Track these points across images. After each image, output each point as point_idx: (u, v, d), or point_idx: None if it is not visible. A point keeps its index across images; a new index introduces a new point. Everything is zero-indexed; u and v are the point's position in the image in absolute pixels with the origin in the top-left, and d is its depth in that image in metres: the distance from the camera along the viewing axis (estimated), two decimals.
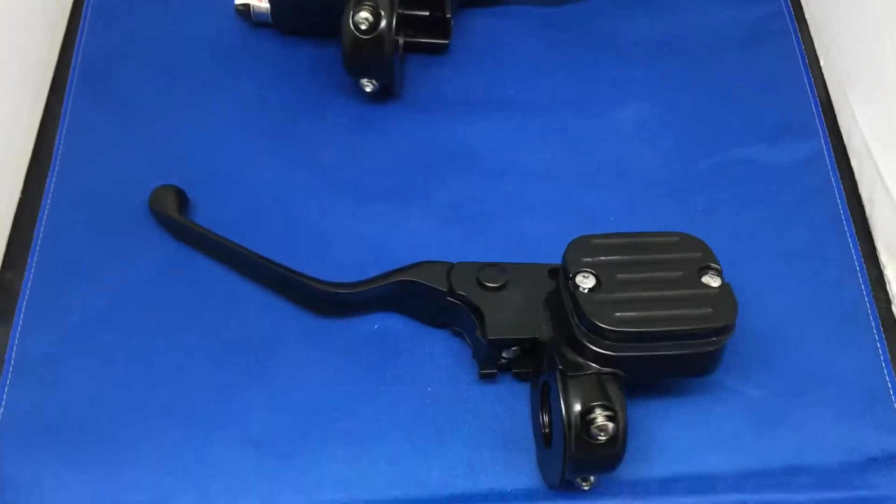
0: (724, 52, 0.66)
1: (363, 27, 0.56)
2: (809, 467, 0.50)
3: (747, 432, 0.50)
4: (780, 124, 0.63)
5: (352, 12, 0.56)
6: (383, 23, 0.56)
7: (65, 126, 0.61)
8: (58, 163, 0.59)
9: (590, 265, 0.47)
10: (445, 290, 0.51)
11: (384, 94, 0.62)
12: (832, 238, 0.58)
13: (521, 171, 0.60)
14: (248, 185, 0.59)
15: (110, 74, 0.63)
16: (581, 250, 0.47)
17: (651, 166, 0.61)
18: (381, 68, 0.59)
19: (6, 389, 0.50)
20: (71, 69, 0.63)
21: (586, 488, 0.47)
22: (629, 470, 0.48)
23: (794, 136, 0.62)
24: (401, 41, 0.63)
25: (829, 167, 0.61)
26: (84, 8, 0.66)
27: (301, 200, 0.58)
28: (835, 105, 0.64)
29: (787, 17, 0.68)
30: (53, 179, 0.58)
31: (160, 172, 0.58)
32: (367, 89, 0.60)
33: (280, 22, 0.64)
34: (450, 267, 0.51)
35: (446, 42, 0.64)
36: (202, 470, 0.48)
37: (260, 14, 0.64)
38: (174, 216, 0.55)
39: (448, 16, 0.63)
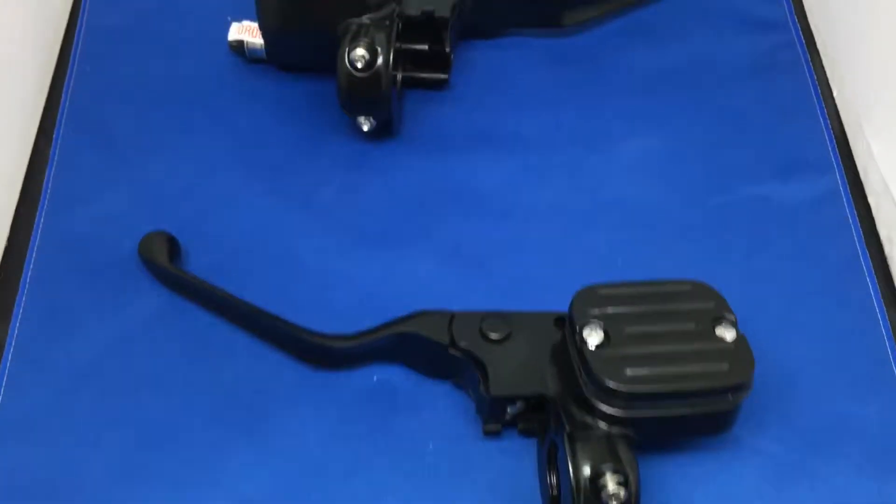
0: (734, 84, 0.64)
1: (359, 65, 0.55)
2: None
3: (767, 489, 0.48)
4: (792, 159, 0.60)
5: (347, 49, 0.55)
6: (380, 59, 0.55)
7: (53, 168, 0.59)
8: (45, 207, 0.57)
9: (598, 317, 0.44)
10: (447, 342, 0.48)
11: (382, 131, 0.60)
12: (850, 280, 0.55)
13: (524, 210, 0.58)
14: (242, 226, 0.57)
15: (100, 115, 0.61)
16: (588, 302, 0.45)
17: (659, 204, 0.59)
18: (378, 106, 0.57)
19: None
20: (60, 109, 0.61)
21: None
22: None
23: (807, 171, 0.60)
24: (399, 77, 0.61)
25: (846, 205, 0.59)
26: (73, 46, 0.64)
27: (297, 242, 0.56)
28: (850, 139, 0.62)
29: (799, 46, 0.66)
30: (41, 224, 0.56)
31: (151, 216, 0.56)
32: (365, 127, 0.59)
33: (275, 58, 0.63)
34: (451, 317, 0.49)
35: (446, 77, 0.62)
36: None
37: (254, 50, 0.63)
38: (165, 265, 0.53)
39: (448, 50, 0.61)
